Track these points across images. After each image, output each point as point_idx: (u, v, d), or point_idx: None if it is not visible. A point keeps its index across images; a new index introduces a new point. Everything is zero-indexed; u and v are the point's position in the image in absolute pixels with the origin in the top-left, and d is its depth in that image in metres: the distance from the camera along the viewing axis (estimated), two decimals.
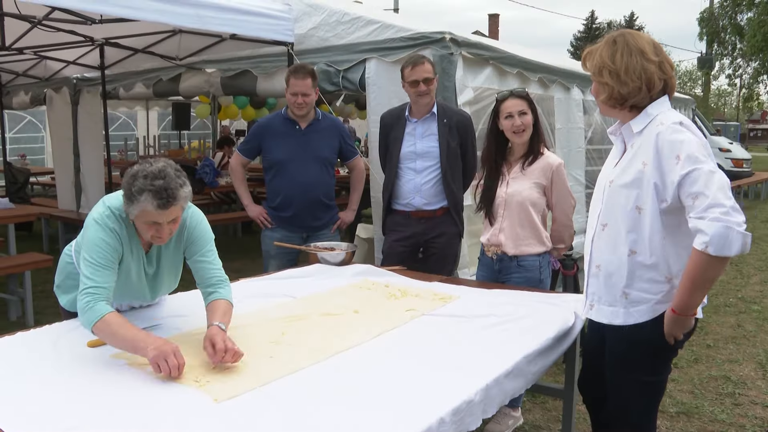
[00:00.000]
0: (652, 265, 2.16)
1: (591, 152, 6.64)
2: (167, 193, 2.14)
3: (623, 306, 2.22)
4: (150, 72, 6.65)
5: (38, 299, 5.56)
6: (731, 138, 24.37)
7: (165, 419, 1.69)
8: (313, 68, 4.10)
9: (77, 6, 3.78)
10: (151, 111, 15.74)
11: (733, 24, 26.53)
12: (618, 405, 2.36)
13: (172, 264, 2.53)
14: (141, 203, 2.14)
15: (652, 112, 2.18)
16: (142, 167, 2.19)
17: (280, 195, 4.16)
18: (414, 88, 3.73)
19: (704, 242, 1.93)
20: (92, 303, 2.14)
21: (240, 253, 7.83)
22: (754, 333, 5.20)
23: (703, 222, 1.93)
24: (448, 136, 3.79)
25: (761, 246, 9.10)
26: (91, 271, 2.21)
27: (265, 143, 4.18)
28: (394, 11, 21.27)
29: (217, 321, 2.22)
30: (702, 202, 1.94)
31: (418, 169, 3.84)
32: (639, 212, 2.14)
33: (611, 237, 2.23)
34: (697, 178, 1.97)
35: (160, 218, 2.18)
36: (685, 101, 10.22)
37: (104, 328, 2.11)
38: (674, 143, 2.04)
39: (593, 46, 2.27)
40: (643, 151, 2.13)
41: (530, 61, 5.36)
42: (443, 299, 2.90)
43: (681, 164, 2.00)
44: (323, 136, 4.18)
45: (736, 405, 3.84)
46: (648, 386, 2.29)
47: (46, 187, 12.33)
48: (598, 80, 2.23)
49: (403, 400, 1.83)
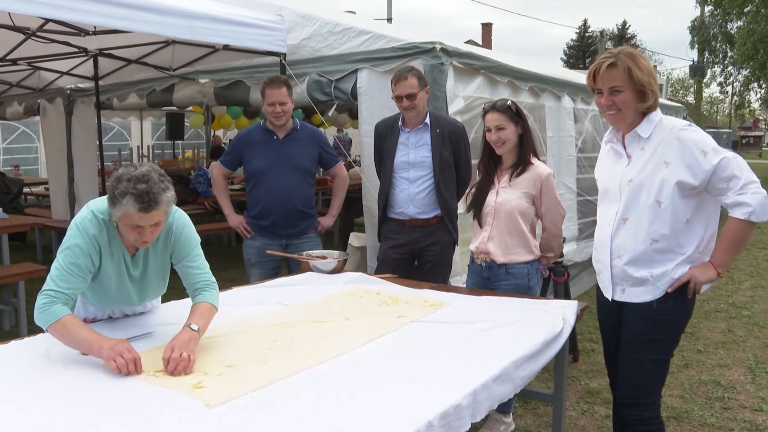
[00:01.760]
0: (671, 247, 2.48)
1: (582, 160, 6.70)
2: (149, 196, 2.18)
3: (651, 284, 2.51)
4: (144, 82, 6.69)
5: (32, 309, 5.53)
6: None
7: (158, 424, 1.72)
8: (287, 78, 4.16)
9: (71, 18, 3.80)
10: (145, 121, 15.75)
11: (723, 32, 26.71)
12: (631, 384, 2.59)
13: (160, 267, 2.57)
14: (123, 206, 2.19)
15: (654, 118, 2.50)
16: (126, 171, 2.24)
17: (259, 204, 4.23)
18: (398, 103, 3.81)
19: (748, 212, 2.35)
20: (49, 305, 2.21)
21: (233, 262, 7.84)
22: (744, 338, 5.25)
23: (744, 196, 2.35)
24: (440, 145, 3.84)
25: (752, 252, 9.17)
26: (57, 274, 2.27)
27: (245, 154, 4.27)
28: (387, 20, 21.36)
29: (191, 322, 2.28)
30: (737, 183, 2.35)
31: (411, 178, 3.89)
32: (659, 205, 2.44)
33: (633, 229, 2.51)
34: (726, 165, 2.35)
35: (142, 221, 2.22)
36: (676, 109, 10.32)
37: (60, 329, 2.19)
38: (697, 141, 2.39)
39: (616, 57, 2.43)
40: (662, 152, 2.43)
41: (521, 70, 5.42)
42: (433, 306, 2.93)
43: (710, 156, 2.36)
44: (301, 146, 4.24)
45: (726, 409, 3.88)
46: (662, 365, 2.59)
47: (40, 198, 12.32)
48: (650, 88, 2.44)
49: (393, 404, 1.86)
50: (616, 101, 2.46)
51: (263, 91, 4.10)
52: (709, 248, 2.52)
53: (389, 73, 4.52)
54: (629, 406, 2.61)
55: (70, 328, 2.18)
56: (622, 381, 2.63)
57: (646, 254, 2.50)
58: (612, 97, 2.46)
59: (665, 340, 2.56)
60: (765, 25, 22.44)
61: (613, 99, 2.46)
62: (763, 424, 3.68)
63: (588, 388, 4.15)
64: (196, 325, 2.26)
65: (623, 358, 2.63)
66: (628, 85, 2.43)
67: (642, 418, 2.58)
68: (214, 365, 2.15)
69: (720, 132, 34.22)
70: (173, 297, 2.96)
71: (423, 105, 3.86)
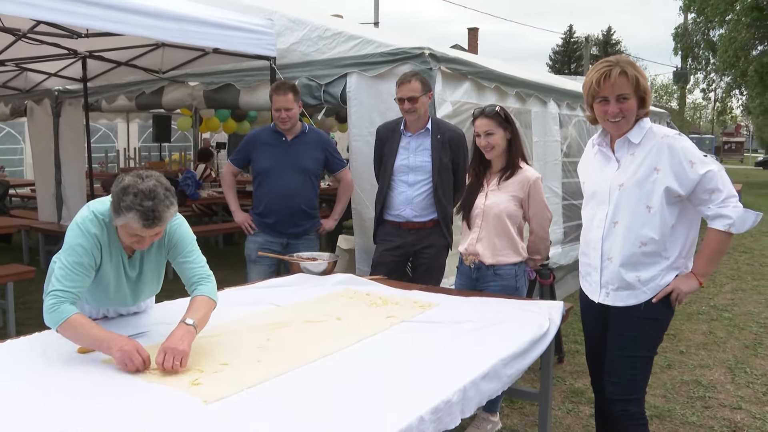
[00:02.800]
0: (657, 251, 2.56)
1: (567, 165, 6.78)
2: (154, 214, 2.22)
3: (637, 288, 2.59)
4: (133, 85, 6.70)
5: (20, 311, 5.57)
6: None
7: (155, 420, 1.76)
8: (293, 84, 4.28)
9: (64, 20, 3.82)
10: (131, 123, 15.72)
11: (706, 40, 27.08)
12: (623, 380, 2.66)
13: (155, 267, 2.61)
14: (127, 219, 2.22)
15: (644, 125, 2.58)
16: (133, 181, 2.24)
17: (264, 202, 4.34)
18: (401, 105, 3.88)
19: (728, 224, 2.45)
20: (57, 305, 2.23)
21: (222, 264, 7.84)
22: (725, 339, 5.35)
23: (726, 209, 2.45)
24: (440, 151, 3.91)
25: (734, 256, 9.31)
26: (62, 274, 2.30)
27: (254, 153, 4.40)
28: (374, 25, 21.42)
29: (186, 317, 2.31)
30: (719, 196, 2.45)
31: (410, 182, 3.96)
32: (648, 210, 2.53)
33: (623, 232, 2.58)
34: (712, 178, 2.44)
35: (143, 233, 2.27)
36: (660, 114, 10.47)
37: (69, 328, 2.22)
38: (686, 150, 2.48)
39: (621, 66, 2.50)
40: (653, 158, 2.51)
41: (507, 76, 5.49)
42: (423, 306, 2.99)
43: (696, 167, 2.45)
44: (308, 149, 4.34)
45: (706, 408, 3.97)
46: (649, 361, 2.68)
47: (25, 199, 12.26)
48: (648, 96, 2.55)
49: (385, 400, 1.91)
50: (623, 109, 2.52)
51: (271, 96, 4.25)
52: (691, 253, 2.62)
53: (378, 77, 4.59)
54: (619, 402, 2.67)
55: (79, 327, 2.22)
56: (612, 377, 2.69)
57: (635, 257, 2.57)
58: (620, 104, 2.52)
59: (653, 337, 2.66)
60: (746, 33, 22.80)
61: (620, 107, 2.52)
62: (742, 422, 3.78)
63: (573, 388, 4.22)
64: (191, 320, 2.30)
65: (613, 357, 2.69)
66: (633, 93, 2.51)
67: (630, 413, 2.66)
68: (210, 363, 2.20)
69: (703, 138, 34.64)
70: (165, 297, 2.99)
71: (425, 110, 3.93)
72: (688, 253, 2.60)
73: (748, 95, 24.90)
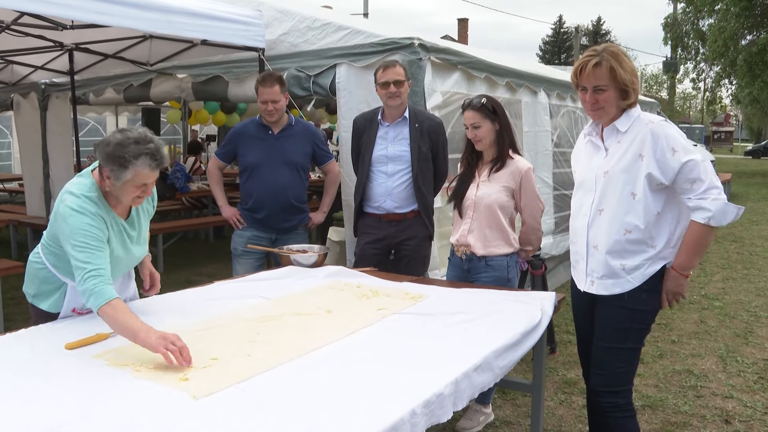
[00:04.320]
0: (643, 239, 2.54)
1: (558, 155, 6.78)
2: (160, 153, 2.39)
3: (622, 276, 2.58)
4: (120, 77, 6.64)
5: (8, 306, 5.52)
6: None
7: (144, 416, 1.73)
8: (280, 75, 4.21)
9: (47, 11, 3.76)
10: (120, 116, 15.58)
11: (695, 30, 27.10)
12: (609, 372, 2.66)
13: (146, 220, 2.76)
14: (138, 166, 2.34)
15: (633, 114, 2.56)
16: (123, 135, 2.37)
17: (253, 197, 4.28)
18: (384, 89, 3.81)
19: (707, 216, 2.41)
20: (99, 285, 2.27)
21: (212, 257, 7.80)
22: (716, 328, 5.37)
23: (705, 201, 2.41)
24: (419, 140, 3.87)
25: (723, 245, 9.36)
26: (86, 255, 2.32)
27: (240, 147, 4.32)
28: (364, 15, 21.34)
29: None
30: (700, 186, 2.41)
31: (389, 172, 3.91)
32: (633, 197, 2.52)
33: (608, 220, 2.58)
34: (693, 167, 2.41)
35: (150, 179, 2.40)
36: (650, 104, 10.47)
37: (110, 312, 2.24)
38: (669, 138, 2.45)
39: (601, 56, 2.49)
40: (638, 145, 2.50)
41: (497, 66, 5.47)
42: (414, 298, 2.97)
43: (678, 155, 2.42)
44: (295, 141, 4.28)
45: (698, 397, 3.98)
46: (636, 353, 2.67)
47: (13, 194, 12.16)
48: (632, 87, 2.51)
49: (377, 393, 1.89)
50: (600, 99, 2.53)
51: (257, 88, 4.16)
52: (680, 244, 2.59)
53: (368, 68, 4.55)
54: (606, 394, 2.67)
55: (118, 313, 2.23)
56: (599, 370, 2.70)
57: (620, 244, 2.55)
58: (596, 95, 2.53)
59: (639, 329, 2.64)
60: (735, 23, 22.83)
61: (596, 97, 2.53)
62: (734, 410, 3.79)
63: (565, 379, 4.22)
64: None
65: (598, 348, 2.69)
66: (611, 84, 2.50)
67: (618, 405, 2.66)
68: (199, 358, 2.16)
69: (693, 127, 34.74)
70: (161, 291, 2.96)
71: (405, 97, 3.89)
72: (676, 244, 2.57)
73: (738, 85, 24.94)
